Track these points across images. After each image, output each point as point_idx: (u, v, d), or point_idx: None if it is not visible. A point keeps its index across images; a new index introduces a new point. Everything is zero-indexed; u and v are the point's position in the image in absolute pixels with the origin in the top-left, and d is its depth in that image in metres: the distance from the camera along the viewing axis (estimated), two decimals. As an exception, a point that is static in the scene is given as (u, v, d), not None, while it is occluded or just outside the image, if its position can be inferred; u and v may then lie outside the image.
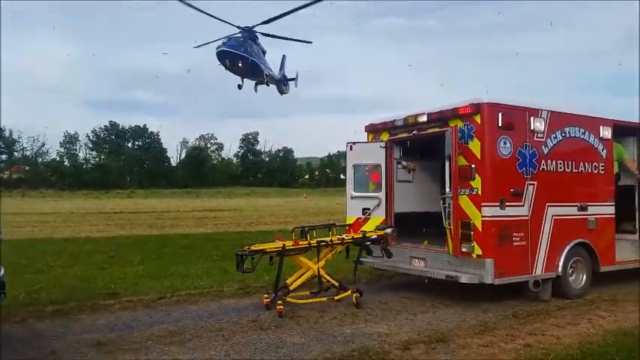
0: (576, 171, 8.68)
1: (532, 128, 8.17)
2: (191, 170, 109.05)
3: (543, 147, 8.29)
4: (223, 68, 24.33)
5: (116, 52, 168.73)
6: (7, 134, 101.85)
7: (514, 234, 7.84)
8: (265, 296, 7.84)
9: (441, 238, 8.26)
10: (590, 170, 8.86)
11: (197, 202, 54.39)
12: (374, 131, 9.78)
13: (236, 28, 24.70)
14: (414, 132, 8.89)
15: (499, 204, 7.71)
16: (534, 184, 8.10)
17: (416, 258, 8.76)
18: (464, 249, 7.80)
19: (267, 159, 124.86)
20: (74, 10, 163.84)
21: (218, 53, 24.04)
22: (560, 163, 8.48)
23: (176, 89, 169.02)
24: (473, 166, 7.80)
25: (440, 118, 8.38)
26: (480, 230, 7.65)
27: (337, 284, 8.08)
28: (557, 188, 8.39)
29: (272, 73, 27.96)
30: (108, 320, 7.24)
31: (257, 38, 25.62)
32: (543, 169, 8.26)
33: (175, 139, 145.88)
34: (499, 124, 7.79)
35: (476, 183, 7.76)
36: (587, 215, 8.71)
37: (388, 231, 8.56)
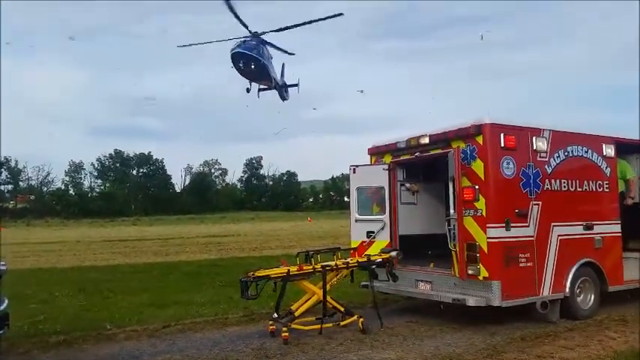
0: (580, 190, 8.64)
1: (534, 148, 8.17)
2: (195, 196, 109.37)
3: (546, 166, 8.27)
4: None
5: (120, 79, 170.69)
6: (13, 164, 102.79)
7: (520, 255, 7.77)
8: (270, 323, 7.76)
9: (447, 260, 8.19)
10: (594, 189, 8.82)
11: (201, 228, 54.31)
12: (377, 154, 9.80)
13: (247, 32, 25.15)
14: (417, 154, 8.90)
15: (504, 225, 7.66)
16: (539, 204, 8.06)
17: (422, 281, 8.68)
18: (470, 271, 7.73)
19: (271, 183, 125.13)
20: (79, 37, 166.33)
21: (233, 55, 24.47)
22: (564, 183, 8.45)
23: (180, 115, 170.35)
24: (477, 187, 7.78)
25: (442, 140, 8.39)
26: (486, 252, 7.59)
27: (343, 309, 7.99)
28: (561, 208, 8.34)
29: (277, 79, 28.44)
30: (112, 350, 7.17)
31: (266, 43, 26.14)
32: (547, 189, 8.23)
33: (179, 165, 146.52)
34: (501, 145, 7.79)
35: (480, 204, 7.73)
36: (593, 234, 8.64)
37: (393, 254, 8.49)
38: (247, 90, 26.78)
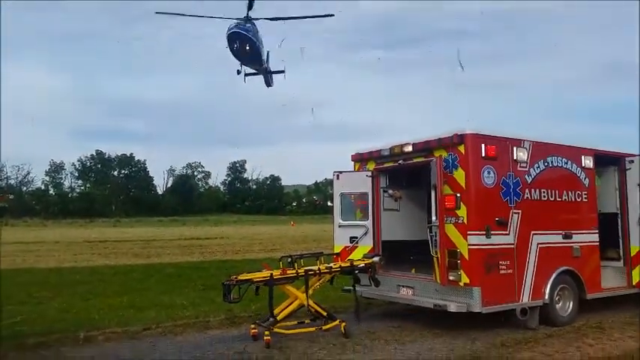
0: (560, 199, 8.82)
1: (515, 158, 8.32)
2: (178, 198, 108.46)
3: (527, 176, 8.43)
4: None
5: (104, 81, 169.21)
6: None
7: (500, 262, 7.90)
8: (252, 327, 7.76)
9: (429, 266, 8.28)
10: (573, 199, 9.00)
11: (183, 231, 53.91)
12: (360, 160, 9.87)
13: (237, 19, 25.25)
14: (400, 161, 9.00)
15: (485, 232, 7.79)
16: (519, 213, 8.21)
17: (404, 286, 8.76)
18: (451, 277, 7.83)
19: (254, 187, 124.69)
20: (61, 39, 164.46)
21: (230, 34, 24.56)
22: (543, 192, 8.61)
23: (164, 117, 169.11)
24: (458, 195, 7.89)
25: (425, 148, 8.51)
26: (467, 259, 7.70)
27: (325, 314, 8.03)
28: (541, 216, 8.50)
29: (266, 64, 28.60)
30: (91, 353, 7.09)
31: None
32: (527, 198, 8.38)
33: (162, 168, 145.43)
34: (482, 154, 7.93)
35: (461, 212, 7.84)
36: (571, 243, 8.82)
37: (376, 259, 8.57)
38: (237, 72, 27.08)
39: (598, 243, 9.23)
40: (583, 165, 9.21)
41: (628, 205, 9.69)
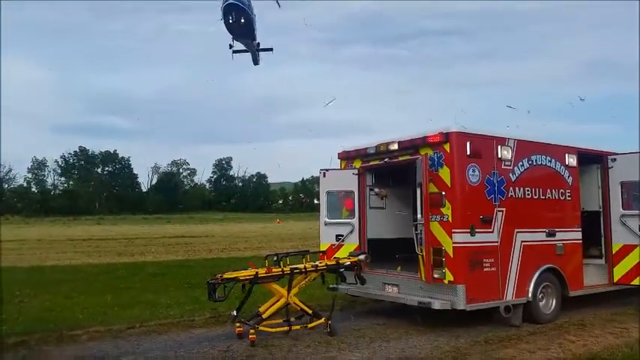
0: (543, 198, 8.90)
1: (499, 156, 8.38)
2: (163, 196, 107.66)
3: (511, 174, 8.49)
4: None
5: (87, 76, 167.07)
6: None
7: (484, 260, 7.95)
8: (237, 325, 7.73)
9: (414, 264, 8.32)
10: (557, 197, 9.09)
11: (168, 229, 53.52)
12: (347, 158, 9.88)
13: None
14: (386, 159, 9.03)
15: (469, 230, 7.84)
16: (503, 211, 8.27)
17: (389, 284, 8.79)
18: (436, 275, 7.88)
19: (240, 184, 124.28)
20: (43, 34, 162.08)
21: (227, 6, 24.64)
22: (527, 190, 8.69)
23: (149, 114, 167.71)
24: (443, 193, 7.93)
25: (411, 146, 8.53)
26: (451, 256, 7.74)
27: (311, 312, 8.02)
28: (525, 214, 8.58)
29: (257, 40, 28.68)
30: (74, 352, 7.02)
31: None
32: (511, 196, 8.45)
33: (147, 165, 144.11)
34: (467, 153, 7.97)
35: (446, 210, 7.88)
36: (555, 241, 8.91)
37: (362, 257, 8.59)
38: (230, 46, 27.15)
39: (581, 241, 9.34)
40: (567, 163, 9.30)
41: (610, 203, 9.81)
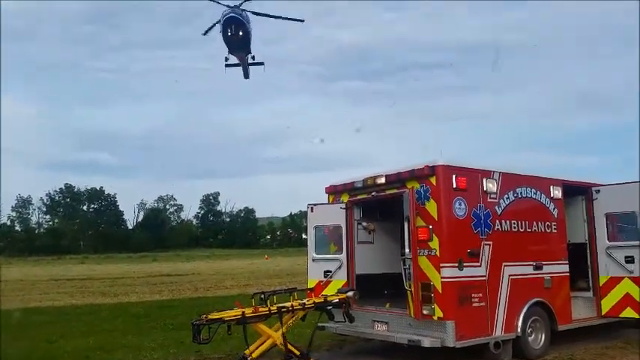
0: (530, 230, 8.91)
1: (485, 189, 8.41)
2: (149, 233, 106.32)
3: (497, 207, 8.52)
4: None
5: (74, 112, 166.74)
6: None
7: (473, 295, 7.88)
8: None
9: (403, 300, 8.21)
10: (543, 229, 9.11)
11: (154, 267, 52.59)
12: (334, 192, 9.86)
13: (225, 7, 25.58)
14: (373, 193, 9.02)
15: (457, 265, 7.79)
16: (490, 244, 8.25)
17: (378, 322, 8.64)
18: (425, 311, 7.77)
19: (228, 219, 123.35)
20: (29, 70, 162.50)
21: (227, 18, 24.89)
22: (513, 223, 8.70)
23: (135, 150, 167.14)
24: (431, 227, 7.91)
25: (397, 180, 8.55)
26: (440, 292, 7.66)
27: (299, 353, 7.82)
28: (512, 248, 8.56)
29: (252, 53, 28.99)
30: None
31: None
32: (498, 229, 8.45)
33: (133, 201, 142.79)
34: (453, 186, 7.99)
35: (434, 244, 7.85)
36: (542, 274, 8.88)
37: (350, 294, 8.44)
38: (226, 59, 27.50)
39: (568, 273, 9.32)
40: (552, 195, 9.36)
41: (596, 235, 9.84)
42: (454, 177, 8.02)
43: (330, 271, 9.25)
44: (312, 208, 9.69)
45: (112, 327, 12.80)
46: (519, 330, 8.28)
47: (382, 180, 8.80)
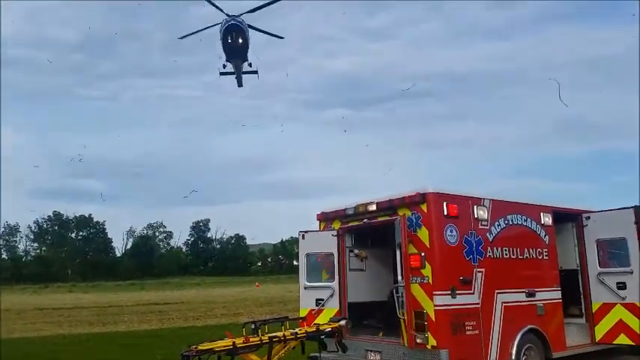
0: (521, 257, 8.92)
1: (476, 216, 8.44)
2: (137, 260, 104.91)
3: (488, 234, 8.53)
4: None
5: (61, 140, 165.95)
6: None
7: (466, 323, 7.82)
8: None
9: (396, 328, 8.12)
10: (534, 256, 9.12)
11: (142, 295, 51.77)
12: (326, 220, 9.83)
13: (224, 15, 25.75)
14: (365, 220, 9.00)
15: (450, 292, 7.75)
16: (482, 271, 8.24)
17: (371, 351, 8.53)
18: (418, 340, 7.69)
19: (218, 246, 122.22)
20: (15, 97, 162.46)
21: (228, 26, 25.04)
22: (505, 250, 8.71)
23: (124, 177, 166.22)
24: (423, 254, 7.89)
25: (389, 207, 8.55)
26: (434, 320, 7.60)
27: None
28: (504, 275, 8.55)
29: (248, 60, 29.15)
30: None
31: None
32: (490, 256, 8.44)
33: (122, 229, 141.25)
34: (445, 213, 8.01)
35: (426, 271, 7.82)
36: (535, 301, 8.85)
37: (342, 323, 8.34)
38: (224, 66, 27.76)
39: (561, 300, 9.30)
40: (542, 222, 9.40)
41: (587, 261, 9.86)
42: (445, 204, 8.05)
43: (322, 300, 9.16)
44: (303, 235, 9.65)
45: (100, 358, 12.54)
46: (514, 358, 8.21)
47: (373, 207, 8.80)
